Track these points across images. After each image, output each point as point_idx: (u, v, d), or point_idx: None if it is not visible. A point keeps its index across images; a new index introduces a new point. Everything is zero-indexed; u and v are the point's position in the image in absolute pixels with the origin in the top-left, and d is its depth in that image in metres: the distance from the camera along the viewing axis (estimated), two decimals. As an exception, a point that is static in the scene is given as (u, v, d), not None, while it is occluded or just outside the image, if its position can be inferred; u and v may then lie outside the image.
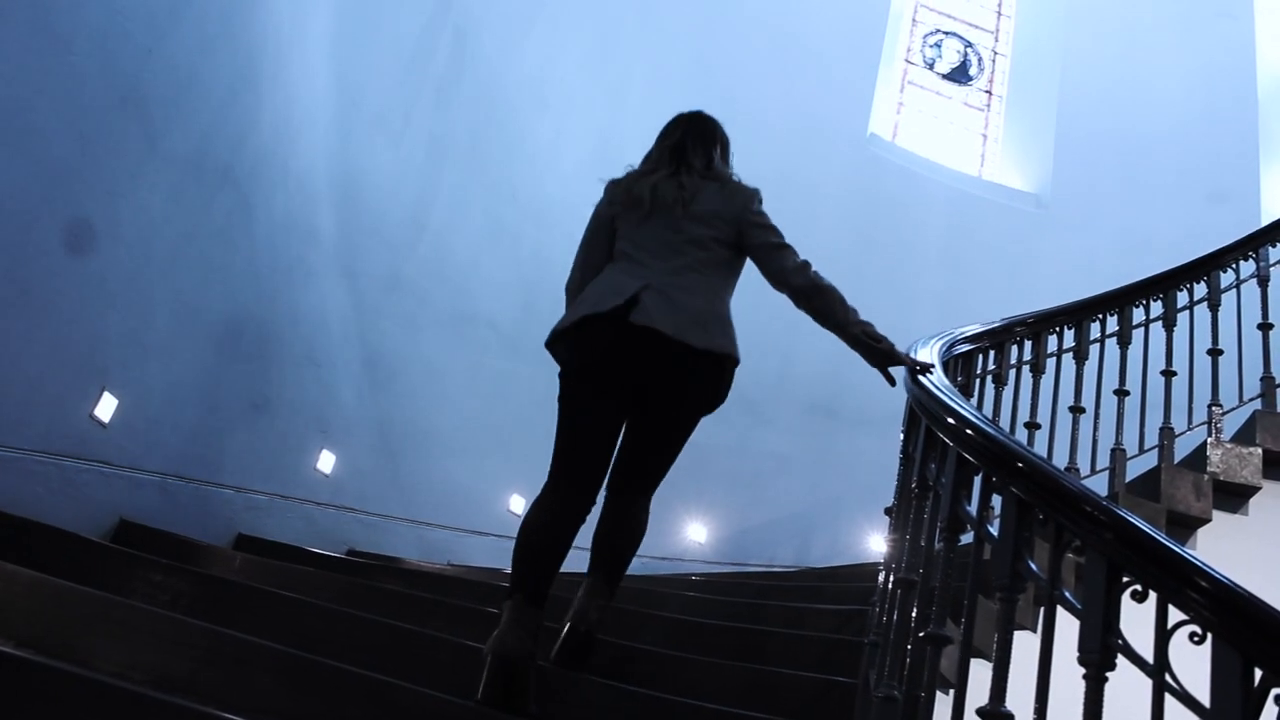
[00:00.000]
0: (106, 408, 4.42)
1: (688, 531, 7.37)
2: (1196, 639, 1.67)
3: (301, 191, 5.83)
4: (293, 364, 5.84)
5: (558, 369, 3.03)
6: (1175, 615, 1.70)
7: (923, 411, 2.59)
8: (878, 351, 2.95)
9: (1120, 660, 1.77)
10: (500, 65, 7.44)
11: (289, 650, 2.52)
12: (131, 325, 4.61)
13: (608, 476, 3.09)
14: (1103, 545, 1.83)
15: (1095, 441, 4.56)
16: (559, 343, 3.11)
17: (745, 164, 8.02)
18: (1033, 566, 1.98)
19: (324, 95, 6.01)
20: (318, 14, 5.88)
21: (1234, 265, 4.87)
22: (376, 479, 6.36)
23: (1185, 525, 4.25)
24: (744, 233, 3.13)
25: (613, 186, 3.38)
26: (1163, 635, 1.72)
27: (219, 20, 4.93)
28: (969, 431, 2.28)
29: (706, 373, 2.97)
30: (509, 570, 2.84)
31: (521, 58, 7.58)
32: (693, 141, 3.34)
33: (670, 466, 3.20)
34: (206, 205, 5.01)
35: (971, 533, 2.24)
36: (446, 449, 6.84)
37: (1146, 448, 4.60)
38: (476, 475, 6.94)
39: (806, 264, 3.09)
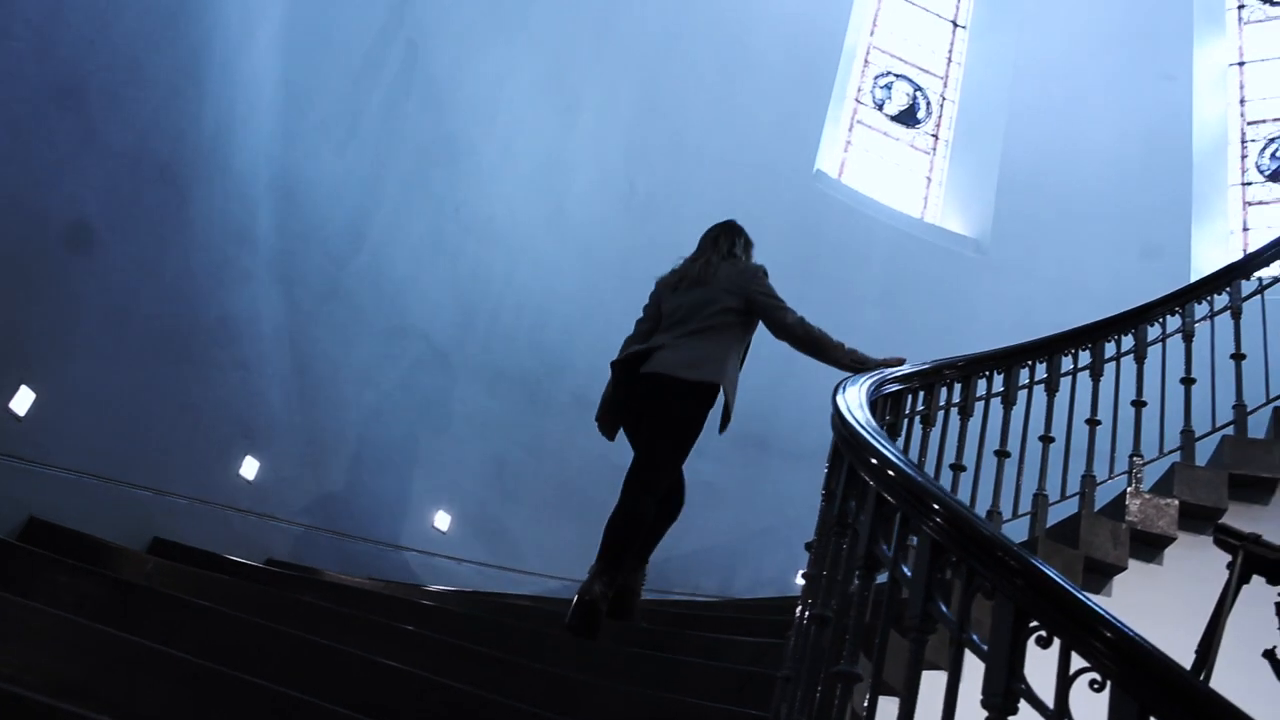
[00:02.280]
0: (23, 401, 4.32)
1: (614, 557, 7.34)
2: (1097, 686, 1.69)
3: (240, 193, 5.76)
4: (221, 367, 5.75)
5: (488, 386, 3.14)
6: (1078, 662, 1.72)
7: (846, 449, 2.61)
8: (866, 369, 3.81)
9: (1024, 703, 1.78)
10: (451, 81, 7.41)
11: (194, 660, 2.47)
12: (55, 319, 4.51)
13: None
14: (1012, 591, 1.84)
15: (1019, 486, 4.61)
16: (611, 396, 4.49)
17: (691, 194, 8.08)
18: (943, 609, 1.98)
19: (270, 97, 5.95)
20: (268, 15, 5.83)
21: (1161, 320, 4.98)
22: (300, 488, 6.27)
23: (1101, 572, 4.32)
24: (751, 300, 4.25)
25: (664, 276, 4.67)
26: (1064, 681, 1.73)
27: (164, 15, 4.86)
28: (889, 471, 2.30)
29: (690, 396, 4.06)
30: (430, 587, 3.00)
31: (473, 74, 7.57)
32: (722, 237, 4.58)
33: (664, 471, 4.13)
34: (141, 201, 4.93)
35: (887, 572, 2.25)
36: (374, 462, 6.77)
37: (1069, 494, 4.68)
38: (403, 490, 6.87)
39: (801, 319, 4.18)
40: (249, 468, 5.92)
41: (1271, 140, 10.06)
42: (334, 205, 6.56)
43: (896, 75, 10.80)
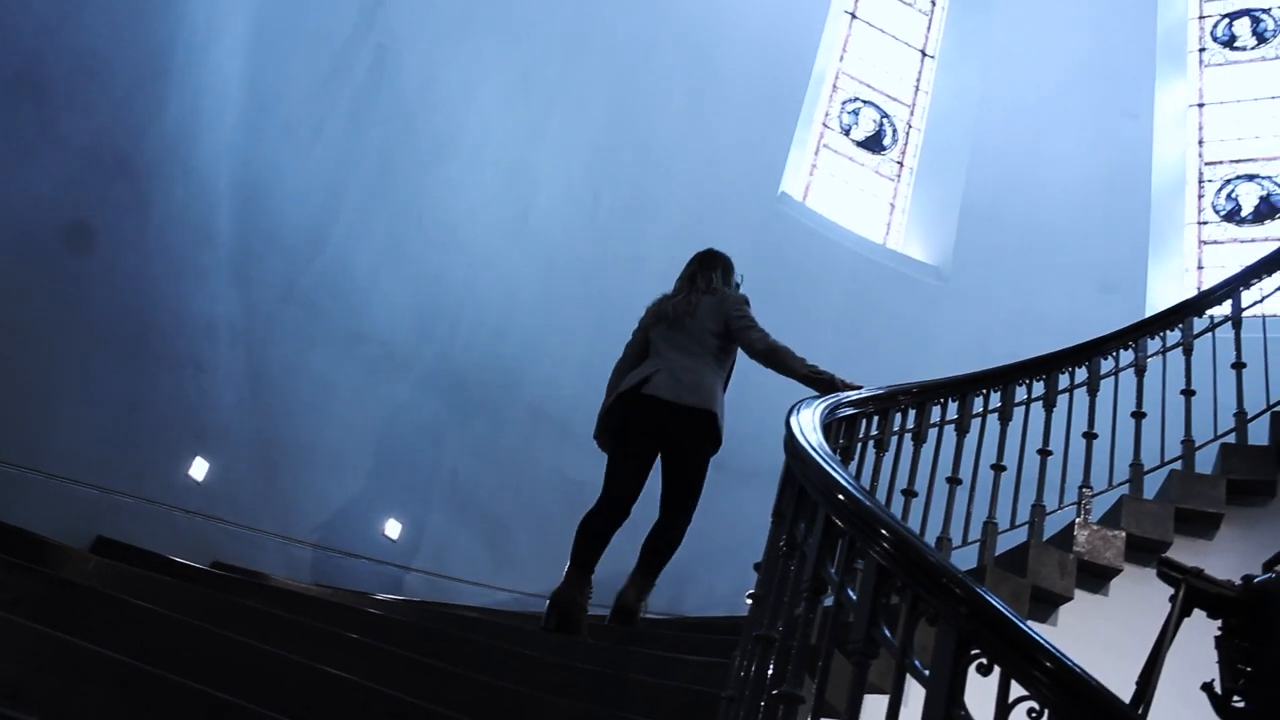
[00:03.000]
0: (-34, 394, 4.25)
1: (565, 571, 7.29)
2: (1035, 715, 1.69)
3: (201, 191, 5.70)
4: (174, 366, 5.68)
5: (444, 396, 3.11)
6: (1017, 690, 1.73)
7: (797, 471, 2.61)
8: (821, 383, 4.23)
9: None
10: (419, 87, 7.39)
11: (131, 662, 2.42)
12: (4, 310, 4.44)
13: (662, 499, 4.54)
14: (956, 618, 1.85)
15: (969, 513, 4.64)
16: (608, 414, 4.67)
17: (655, 209, 8.08)
18: (887, 633, 1.99)
19: (235, 96, 5.90)
20: (237, 14, 5.79)
21: (1115, 354, 5.04)
22: (250, 491, 6.20)
23: (1048, 602, 4.35)
24: (729, 324, 4.55)
25: (650, 308, 4.86)
26: (1003, 709, 1.74)
27: (130, 8, 4.82)
28: (839, 495, 2.30)
29: (698, 423, 4.42)
30: (378, 596, 2.97)
31: (441, 82, 7.55)
32: (701, 270, 4.81)
33: (693, 492, 4.54)
34: (99, 195, 4.87)
35: (833, 595, 2.25)
36: (326, 467, 6.70)
37: (1018, 523, 4.71)
38: (354, 496, 6.81)
39: (765, 335, 4.50)
40: (198, 468, 5.85)
41: (1228, 181, 10.23)
42: (296, 207, 6.51)
43: (864, 101, 10.89)
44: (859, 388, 4.12)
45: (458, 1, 7.65)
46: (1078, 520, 4.55)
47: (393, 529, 6.94)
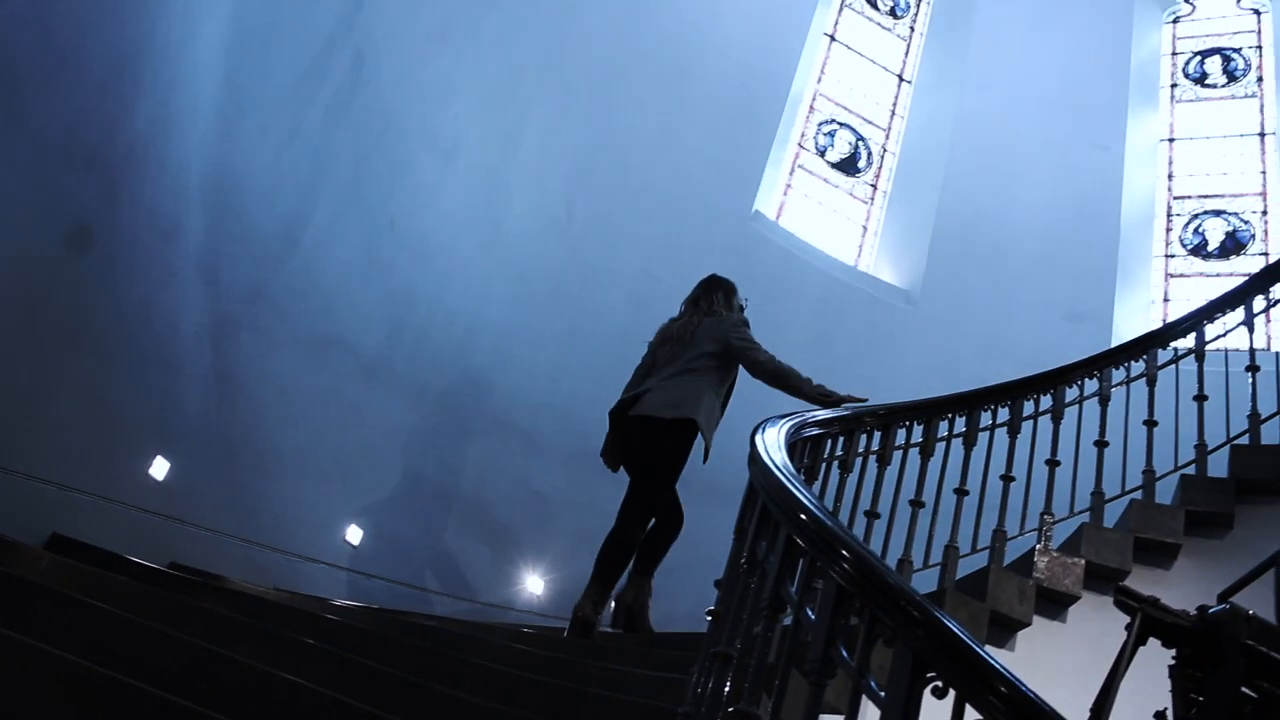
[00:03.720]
0: (-76, 385, 4.19)
1: (526, 583, 7.28)
2: (989, 740, 1.70)
3: (171, 188, 5.65)
4: (137, 365, 5.62)
5: (411, 403, 3.12)
6: (971, 714, 1.73)
7: (761, 489, 2.61)
8: (830, 404, 4.48)
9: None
10: (395, 93, 7.37)
11: (81, 661, 2.39)
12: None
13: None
14: (913, 640, 1.85)
15: (931, 536, 4.66)
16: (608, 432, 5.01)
17: (628, 223, 8.07)
18: (845, 654, 1.99)
19: (210, 94, 5.86)
20: (215, 12, 5.76)
21: (1079, 382, 5.08)
22: (211, 492, 6.13)
23: (1006, 627, 4.37)
24: (729, 346, 4.85)
25: (659, 330, 5.18)
26: (958, 733, 1.74)
27: (106, 1, 4.77)
28: (802, 515, 2.30)
29: (669, 434, 4.68)
30: (337, 602, 2.98)
31: (418, 89, 7.53)
32: (704, 294, 5.18)
33: (660, 489, 4.76)
34: (67, 189, 4.82)
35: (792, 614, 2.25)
36: (289, 471, 6.65)
37: (979, 547, 4.73)
38: (317, 501, 6.76)
39: (772, 357, 4.80)
40: (159, 468, 5.79)
41: (1195, 216, 10.38)
42: (267, 208, 6.47)
43: (840, 124, 10.95)
44: (861, 399, 4.58)
45: (437, 9, 7.63)
46: (1038, 546, 4.57)
47: (354, 535, 6.89)
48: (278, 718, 2.53)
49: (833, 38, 11.24)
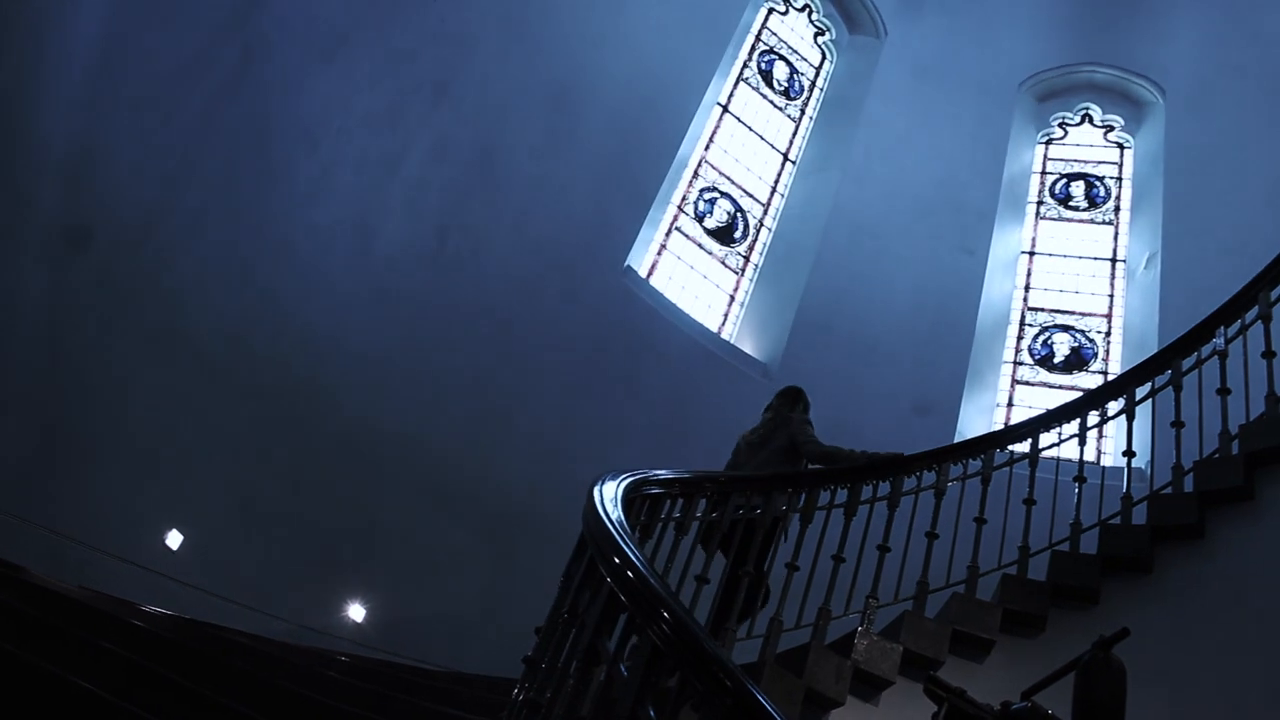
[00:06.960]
0: None
1: (347, 609, 7.08)
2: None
3: (28, 158, 5.41)
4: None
5: (252, 411, 2.95)
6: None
7: (591, 541, 2.59)
8: (879, 461, 5.12)
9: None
10: (281, 97, 7.22)
11: None
12: None
13: None
14: (721, 708, 1.84)
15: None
16: None
17: (499, 259, 7.97)
18: (652, 714, 1.97)
19: (83, 64, 5.65)
20: (102, -15, 5.57)
21: (919, 473, 5.21)
22: (23, 477, 5.82)
23: (820, 705, 4.40)
24: (795, 441, 5.51)
25: (742, 435, 5.88)
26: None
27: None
28: (628, 572, 2.29)
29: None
30: (145, 607, 2.77)
31: (305, 96, 7.40)
32: (780, 403, 5.90)
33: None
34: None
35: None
36: (114, 464, 6.37)
37: (804, 623, 4.77)
38: (139, 501, 6.49)
39: (820, 446, 5.45)
40: (-34, 445, 5.48)
41: (1045, 329, 10.87)
42: (128, 193, 6.24)
43: (722, 192, 11.15)
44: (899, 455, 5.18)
45: (336, 19, 7.54)
46: (860, 629, 4.64)
47: (174, 539, 6.62)
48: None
49: (725, 108, 11.46)
